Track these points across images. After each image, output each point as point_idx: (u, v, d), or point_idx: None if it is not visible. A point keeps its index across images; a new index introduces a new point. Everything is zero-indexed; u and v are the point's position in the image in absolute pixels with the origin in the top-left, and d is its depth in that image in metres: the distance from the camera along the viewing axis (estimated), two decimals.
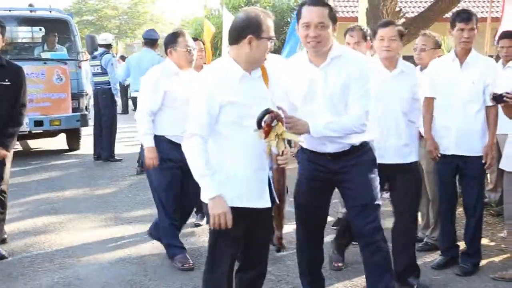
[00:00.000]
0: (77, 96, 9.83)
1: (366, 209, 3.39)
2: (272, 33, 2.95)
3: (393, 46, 3.96)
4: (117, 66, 9.95)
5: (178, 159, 4.16)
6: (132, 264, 4.77)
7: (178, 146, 3.76)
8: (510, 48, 5.32)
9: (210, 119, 2.87)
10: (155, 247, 5.15)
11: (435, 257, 4.68)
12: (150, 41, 8.54)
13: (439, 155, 4.41)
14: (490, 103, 4.28)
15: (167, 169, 4.55)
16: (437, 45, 4.92)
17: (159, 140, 4.54)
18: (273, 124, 2.84)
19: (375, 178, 3.46)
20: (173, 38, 4.60)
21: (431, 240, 4.93)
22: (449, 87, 4.34)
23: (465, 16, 4.30)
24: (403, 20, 12.35)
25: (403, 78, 4.03)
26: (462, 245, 4.63)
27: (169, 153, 4.51)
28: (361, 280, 4.12)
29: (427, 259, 4.73)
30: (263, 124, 2.82)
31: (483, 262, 4.58)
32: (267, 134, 2.83)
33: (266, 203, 3.02)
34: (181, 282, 4.36)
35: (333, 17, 3.28)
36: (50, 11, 10.95)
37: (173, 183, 4.60)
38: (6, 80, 4.74)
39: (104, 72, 9.41)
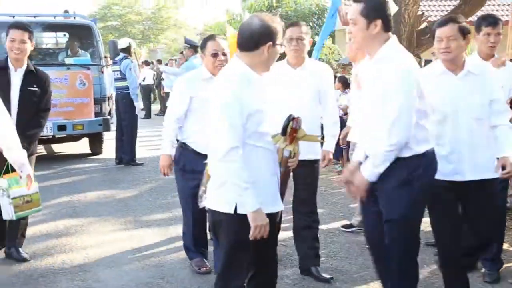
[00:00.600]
0: (99, 100, 9.94)
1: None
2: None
3: (453, 47, 3.54)
4: (135, 71, 10.02)
5: (201, 172, 3.71)
6: (150, 267, 4.81)
7: (203, 156, 3.45)
8: None
9: (243, 129, 2.83)
10: (173, 250, 5.21)
11: None
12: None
13: None
14: None
15: (190, 180, 4.34)
16: None
17: (184, 148, 4.47)
18: (298, 129, 2.97)
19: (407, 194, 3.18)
20: (203, 42, 4.46)
21: None
22: None
23: (492, 20, 4.29)
24: (425, 24, 12.31)
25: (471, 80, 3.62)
26: None
27: (193, 163, 4.30)
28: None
29: None
30: (289, 130, 2.90)
31: (503, 268, 4.53)
32: (292, 139, 2.91)
33: (279, 206, 3.07)
34: (198, 285, 4.40)
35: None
36: (74, 17, 11.10)
37: (195, 196, 4.07)
38: (34, 86, 4.83)
39: (123, 77, 9.53)
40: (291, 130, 2.95)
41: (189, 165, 4.37)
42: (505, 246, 4.93)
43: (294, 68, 4.32)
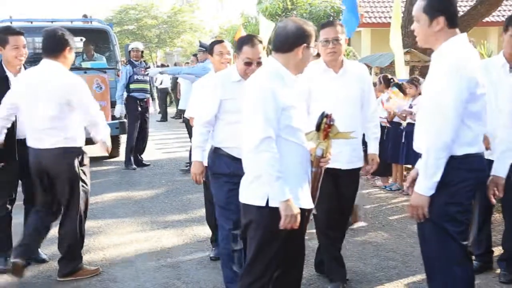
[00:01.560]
0: (116, 104, 10.03)
1: None
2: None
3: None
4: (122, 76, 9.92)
5: (235, 175, 3.63)
6: (166, 267, 4.86)
7: (238, 161, 3.44)
8: None
9: (276, 122, 2.96)
10: (189, 251, 5.26)
11: None
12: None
13: None
14: None
15: (223, 185, 3.95)
16: None
17: (217, 153, 4.01)
18: (332, 126, 3.02)
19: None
20: (239, 44, 3.96)
21: None
22: (496, 93, 4.11)
23: None
24: None
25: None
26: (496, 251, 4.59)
27: (228, 168, 3.91)
28: None
29: None
30: (322, 126, 2.97)
31: None
32: (326, 135, 3.01)
33: (309, 203, 3.14)
34: (213, 285, 4.43)
35: None
36: (91, 22, 11.22)
37: (232, 201, 3.76)
38: None
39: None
40: (325, 126, 3.02)
41: (223, 169, 3.94)
42: None
43: (336, 72, 4.11)
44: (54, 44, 4.51)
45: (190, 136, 5.55)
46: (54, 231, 5.77)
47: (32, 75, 4.56)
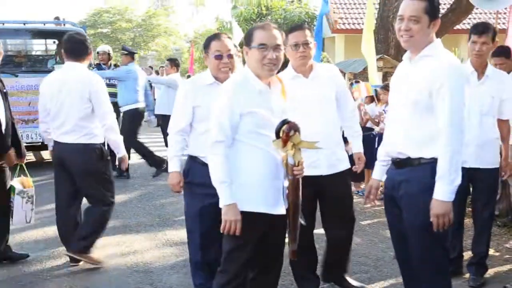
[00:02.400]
0: None
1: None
2: (261, 41, 3.01)
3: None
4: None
5: (210, 185, 3.27)
6: (138, 272, 4.83)
7: None
8: (503, 65, 5.00)
9: (232, 126, 3.00)
10: (162, 256, 5.24)
11: None
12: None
13: None
14: (504, 117, 4.39)
15: (198, 195, 3.81)
16: None
17: (193, 161, 3.91)
18: (290, 134, 2.95)
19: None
20: (206, 42, 3.91)
21: None
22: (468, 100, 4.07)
23: (480, 29, 4.29)
24: None
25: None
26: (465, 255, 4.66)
27: (202, 176, 3.62)
28: None
29: None
30: (281, 134, 2.93)
31: (489, 273, 4.60)
32: (285, 143, 2.96)
33: (280, 210, 3.11)
34: None
35: None
36: (64, 24, 11.11)
37: (204, 215, 3.78)
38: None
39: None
40: (283, 133, 2.96)
41: (198, 178, 3.78)
42: (491, 251, 5.00)
43: (306, 77, 4.02)
44: (80, 48, 4.86)
45: (166, 141, 5.54)
46: (22, 236, 5.72)
47: (58, 77, 4.88)
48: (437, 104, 2.92)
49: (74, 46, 4.85)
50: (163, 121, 9.49)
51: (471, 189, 4.57)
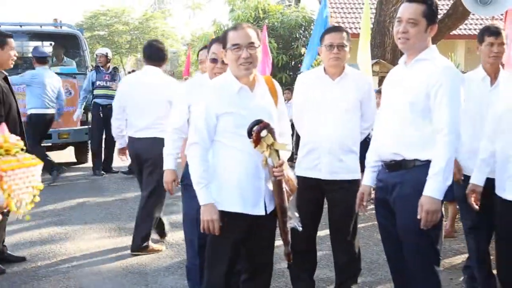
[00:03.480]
0: (85, 110, 9.95)
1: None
2: (234, 42, 3.00)
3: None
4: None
5: None
6: (133, 274, 4.84)
7: None
8: None
9: (209, 128, 3.03)
10: (157, 258, 5.25)
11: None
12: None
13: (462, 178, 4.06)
14: None
15: (196, 199, 3.46)
16: None
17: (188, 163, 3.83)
18: (262, 135, 2.92)
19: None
20: (208, 45, 3.99)
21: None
22: (480, 107, 3.95)
23: (494, 30, 4.11)
24: None
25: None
26: None
27: None
28: None
29: None
30: (252, 133, 2.92)
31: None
32: (256, 143, 2.93)
33: (260, 211, 3.08)
34: None
35: None
36: (61, 27, 11.13)
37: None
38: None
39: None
40: (254, 133, 2.92)
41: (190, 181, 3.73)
42: None
43: (333, 79, 3.97)
44: (160, 54, 5.41)
45: None
46: (18, 237, 5.73)
47: (141, 79, 5.44)
48: (434, 106, 2.95)
49: (155, 52, 5.40)
50: None
51: None
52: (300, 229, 3.35)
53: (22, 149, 2.68)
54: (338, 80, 3.97)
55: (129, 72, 22.46)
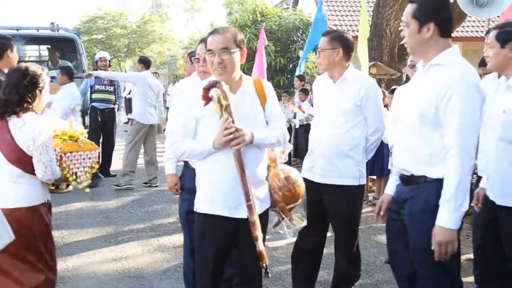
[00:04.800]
0: (83, 113, 9.92)
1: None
2: (208, 47, 2.99)
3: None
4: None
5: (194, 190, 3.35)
6: (130, 277, 4.82)
7: None
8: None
9: (186, 130, 3.03)
10: (153, 261, 5.23)
11: None
12: None
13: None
14: None
15: (187, 202, 3.74)
16: None
17: (185, 167, 3.93)
18: (211, 93, 2.85)
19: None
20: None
21: None
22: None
23: None
24: None
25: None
26: None
27: (186, 182, 3.85)
28: None
29: None
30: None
31: None
32: (205, 98, 2.86)
33: (243, 214, 3.00)
34: None
35: None
36: (58, 30, 11.13)
37: (191, 220, 3.58)
38: None
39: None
40: (203, 90, 2.88)
41: (187, 183, 3.80)
42: None
43: (334, 82, 3.99)
44: None
45: None
46: None
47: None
48: (444, 120, 2.68)
49: None
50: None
51: None
52: (288, 237, 3.38)
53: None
54: (338, 83, 3.97)
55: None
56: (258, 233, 2.97)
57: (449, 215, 2.62)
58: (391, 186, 3.13)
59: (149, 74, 9.02)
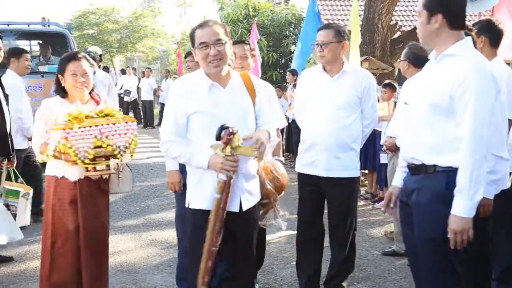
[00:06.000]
0: None
1: None
2: (201, 40, 2.97)
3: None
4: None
5: None
6: (122, 272, 4.82)
7: None
8: None
9: (178, 127, 3.02)
10: (146, 256, 5.24)
11: None
12: None
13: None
14: None
15: (182, 196, 3.59)
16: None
17: (181, 164, 3.80)
18: (230, 137, 2.88)
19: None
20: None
21: None
22: None
23: None
24: (398, 33, 12.51)
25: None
26: None
27: (185, 179, 3.65)
28: None
29: None
30: (223, 135, 2.88)
31: None
32: (226, 144, 2.88)
33: (233, 207, 3.04)
34: None
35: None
36: (48, 25, 11.06)
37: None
38: (6, 91, 4.92)
39: None
40: (224, 138, 2.89)
41: (184, 180, 3.80)
42: None
43: (331, 76, 4.01)
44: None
45: None
46: None
47: None
48: (459, 110, 2.67)
49: None
50: None
51: None
52: (284, 228, 3.46)
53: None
54: (337, 77, 4.00)
55: (121, 71, 22.37)
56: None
57: (462, 204, 2.63)
58: (399, 178, 3.13)
59: None
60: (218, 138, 2.88)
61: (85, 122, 3.43)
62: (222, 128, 2.88)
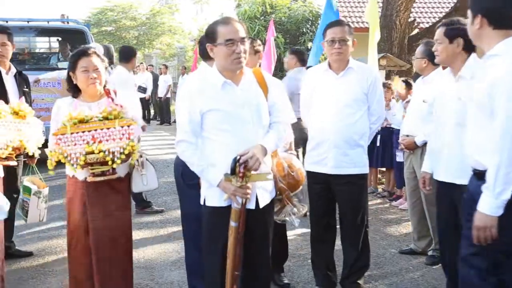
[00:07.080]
0: None
1: None
2: (227, 37, 2.94)
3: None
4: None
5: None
6: (139, 268, 4.84)
7: None
8: None
9: (193, 125, 3.03)
10: (163, 252, 5.26)
11: None
12: None
13: None
14: None
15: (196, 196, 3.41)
16: None
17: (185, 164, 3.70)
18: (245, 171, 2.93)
19: None
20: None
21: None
22: None
23: None
24: (416, 30, 12.42)
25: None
26: None
27: (191, 179, 3.50)
28: None
29: None
30: (238, 170, 2.91)
31: None
32: (243, 178, 2.92)
33: (250, 205, 3.05)
34: (187, 286, 4.43)
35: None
36: (68, 22, 11.15)
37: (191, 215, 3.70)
38: (25, 87, 4.99)
39: None
40: (240, 172, 2.92)
41: (188, 180, 3.72)
42: None
43: (337, 74, 4.01)
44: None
45: None
46: (26, 232, 5.74)
47: None
48: (494, 110, 2.64)
49: None
50: None
51: None
52: (296, 225, 3.47)
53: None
54: (342, 75, 3.99)
55: (137, 67, 22.47)
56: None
57: (487, 202, 2.61)
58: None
59: None
60: (233, 170, 2.91)
61: (79, 127, 3.39)
62: (236, 161, 2.90)
